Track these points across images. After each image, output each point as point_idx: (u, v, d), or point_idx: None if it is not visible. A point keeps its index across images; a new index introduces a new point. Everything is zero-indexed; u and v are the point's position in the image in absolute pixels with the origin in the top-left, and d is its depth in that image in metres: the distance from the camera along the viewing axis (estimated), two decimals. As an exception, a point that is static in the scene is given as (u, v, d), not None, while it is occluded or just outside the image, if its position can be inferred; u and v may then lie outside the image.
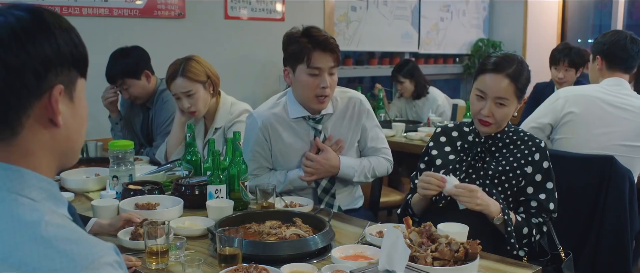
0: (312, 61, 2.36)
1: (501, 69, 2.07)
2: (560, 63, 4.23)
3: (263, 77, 4.66)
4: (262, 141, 2.50)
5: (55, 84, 0.92)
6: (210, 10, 4.33)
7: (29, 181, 0.92)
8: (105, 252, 0.86)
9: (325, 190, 2.55)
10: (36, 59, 0.90)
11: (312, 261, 1.74)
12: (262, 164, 2.55)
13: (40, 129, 0.93)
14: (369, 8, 5.51)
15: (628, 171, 2.59)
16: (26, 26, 0.91)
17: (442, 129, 2.31)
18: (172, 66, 2.86)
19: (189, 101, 2.80)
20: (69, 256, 0.83)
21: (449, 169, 2.18)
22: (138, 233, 1.85)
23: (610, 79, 2.87)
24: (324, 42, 2.35)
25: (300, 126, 2.52)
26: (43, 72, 0.91)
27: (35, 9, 0.94)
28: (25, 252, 0.83)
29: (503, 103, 2.08)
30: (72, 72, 0.96)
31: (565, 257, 2.12)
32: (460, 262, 1.61)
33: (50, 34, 0.92)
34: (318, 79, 2.38)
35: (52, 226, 0.86)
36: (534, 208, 2.10)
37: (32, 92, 0.90)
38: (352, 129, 2.58)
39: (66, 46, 0.94)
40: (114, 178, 2.43)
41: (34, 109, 0.91)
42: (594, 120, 2.78)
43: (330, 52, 2.36)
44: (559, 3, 6.79)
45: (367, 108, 2.62)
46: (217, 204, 2.15)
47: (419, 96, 4.87)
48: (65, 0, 3.54)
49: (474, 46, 6.59)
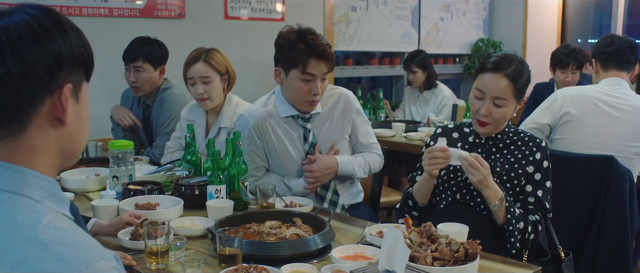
0: (308, 68, 2.36)
1: (500, 69, 2.07)
2: (568, 66, 4.24)
3: (263, 78, 4.65)
4: (255, 140, 2.51)
5: (66, 83, 0.94)
6: (211, 11, 4.32)
7: (30, 180, 0.92)
8: (103, 257, 0.86)
9: (325, 186, 2.57)
10: (51, 55, 0.92)
11: (312, 261, 1.74)
12: (258, 165, 2.55)
13: (48, 127, 0.94)
14: (368, 8, 5.51)
15: (628, 171, 2.59)
16: (43, 23, 0.92)
17: (443, 130, 2.31)
18: (194, 51, 2.90)
19: (204, 87, 2.83)
20: (63, 259, 0.82)
21: (450, 170, 2.18)
22: (138, 233, 1.85)
23: (607, 79, 2.89)
24: (322, 51, 2.36)
25: (290, 125, 2.54)
26: (56, 69, 0.92)
27: (49, 9, 0.96)
28: (20, 253, 0.83)
29: (501, 103, 2.07)
30: (81, 73, 0.98)
31: (565, 257, 2.12)
32: (460, 262, 1.61)
33: (64, 34, 0.94)
34: (310, 84, 2.40)
35: (49, 228, 0.86)
36: (532, 204, 2.11)
37: (44, 88, 0.92)
38: (341, 125, 2.60)
39: (78, 47, 0.96)
40: (114, 178, 2.43)
41: (44, 105, 0.93)
42: (592, 120, 2.79)
43: (326, 61, 2.38)
44: (559, 3, 6.80)
45: (355, 104, 2.64)
46: (217, 204, 2.15)
47: (430, 86, 4.90)
48: (66, 0, 3.54)
49: (474, 46, 6.59)
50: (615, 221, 2.59)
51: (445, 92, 4.90)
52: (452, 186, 2.16)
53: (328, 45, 2.40)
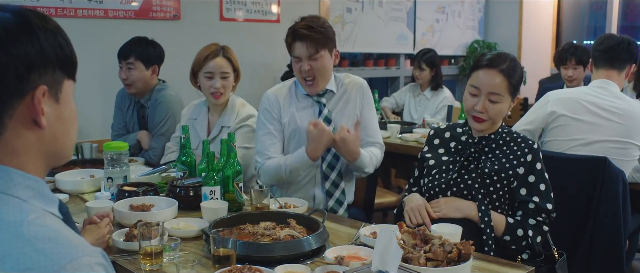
0: (292, 50, 2.56)
1: (495, 65, 2.10)
2: (568, 62, 4.38)
3: (258, 79, 4.66)
4: (274, 103, 2.62)
5: (38, 85, 0.92)
6: (206, 12, 4.33)
7: (16, 179, 0.92)
8: (87, 254, 0.86)
9: (335, 184, 2.59)
10: (18, 59, 0.90)
11: (306, 262, 1.75)
12: (269, 130, 2.59)
13: (24, 130, 0.93)
14: (364, 9, 5.52)
15: (621, 172, 2.60)
16: (8, 27, 0.91)
17: (435, 132, 2.33)
18: (209, 47, 2.91)
19: (222, 82, 2.86)
20: (47, 255, 0.83)
21: (442, 169, 2.19)
22: (132, 235, 1.85)
23: (597, 81, 2.91)
24: (300, 34, 2.51)
25: (307, 102, 2.65)
26: (25, 73, 0.91)
27: (21, 11, 0.95)
28: (3, 250, 0.83)
29: (496, 99, 2.09)
30: (57, 73, 0.96)
31: (559, 258, 2.13)
32: (453, 262, 1.62)
33: (33, 35, 0.92)
34: (300, 64, 2.55)
35: (34, 225, 0.86)
36: (532, 210, 2.11)
37: (14, 92, 0.91)
38: (353, 110, 2.64)
39: (50, 47, 0.94)
40: (108, 179, 2.43)
41: (17, 109, 0.91)
42: (582, 122, 2.81)
43: (305, 42, 2.50)
44: (554, 5, 6.82)
45: (367, 94, 2.68)
46: (212, 205, 2.15)
47: (435, 87, 4.91)
48: (60, 2, 3.53)
49: (470, 47, 6.61)
50: (608, 222, 2.60)
51: (446, 94, 4.92)
52: (441, 184, 2.17)
53: (307, 26, 2.50)
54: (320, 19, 2.57)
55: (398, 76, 6.04)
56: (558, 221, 2.21)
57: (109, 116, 3.56)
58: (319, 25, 2.51)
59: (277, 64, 4.74)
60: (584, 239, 2.64)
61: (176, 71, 3.70)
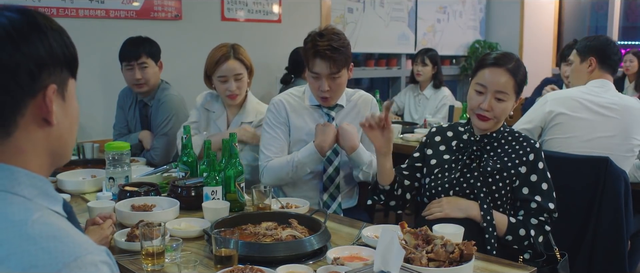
0: (312, 66, 2.51)
1: (501, 64, 2.12)
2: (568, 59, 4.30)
3: (260, 79, 4.65)
4: (281, 110, 2.62)
5: (49, 84, 0.94)
6: (207, 12, 4.33)
7: (20, 179, 0.93)
8: (91, 252, 0.86)
9: (331, 178, 2.61)
10: (30, 59, 0.92)
11: (308, 262, 1.75)
12: (276, 132, 2.60)
13: (35, 129, 0.95)
14: (365, 10, 5.52)
15: (623, 171, 2.60)
16: (19, 27, 0.92)
17: (437, 129, 2.33)
18: (219, 49, 2.90)
19: (237, 84, 2.87)
20: (51, 253, 0.83)
21: (444, 168, 2.19)
22: (134, 235, 1.85)
23: (596, 81, 2.92)
24: (322, 53, 2.45)
25: (316, 112, 2.66)
26: (37, 72, 0.92)
27: (27, 11, 0.96)
28: (9, 249, 0.84)
29: (503, 97, 2.11)
30: (64, 72, 0.98)
31: (561, 258, 2.13)
32: (455, 263, 1.61)
33: (43, 35, 0.94)
34: (318, 82, 2.52)
35: (38, 224, 0.87)
36: (534, 209, 2.11)
37: (26, 91, 0.92)
38: (358, 124, 2.61)
39: (58, 46, 0.96)
40: (110, 179, 2.43)
41: (29, 108, 0.93)
42: (582, 120, 2.81)
43: (327, 62, 2.46)
44: (555, 5, 6.81)
45: (374, 107, 2.71)
46: (213, 205, 2.15)
47: (435, 86, 4.90)
48: (62, 2, 3.53)
49: (471, 47, 6.60)
50: (610, 222, 2.60)
51: (446, 93, 4.92)
52: (445, 183, 2.17)
53: (331, 46, 2.44)
54: (341, 36, 2.50)
55: (399, 76, 6.04)
56: (560, 221, 2.21)
57: (110, 116, 3.56)
58: (340, 44, 2.46)
59: (278, 64, 4.74)
60: (585, 239, 2.64)
61: (177, 71, 3.71)
